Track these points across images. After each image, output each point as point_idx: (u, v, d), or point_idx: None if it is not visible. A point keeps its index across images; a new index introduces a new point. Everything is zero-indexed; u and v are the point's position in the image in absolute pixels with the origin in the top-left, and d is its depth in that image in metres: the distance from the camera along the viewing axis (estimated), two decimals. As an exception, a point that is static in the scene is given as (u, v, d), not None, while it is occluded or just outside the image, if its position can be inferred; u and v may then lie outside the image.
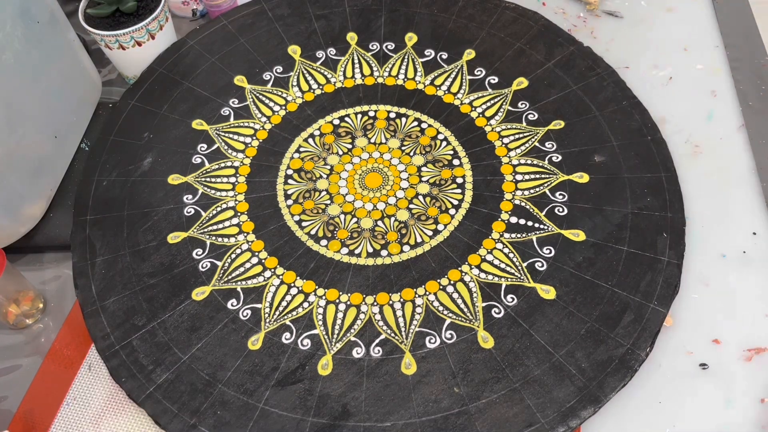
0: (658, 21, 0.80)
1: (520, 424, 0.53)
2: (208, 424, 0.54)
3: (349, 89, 0.75)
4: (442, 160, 0.69)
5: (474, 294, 0.60)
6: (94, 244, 0.65)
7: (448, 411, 0.54)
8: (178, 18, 0.87)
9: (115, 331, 0.60)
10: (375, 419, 0.54)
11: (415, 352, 0.57)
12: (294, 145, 0.71)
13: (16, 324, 0.63)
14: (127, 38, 0.73)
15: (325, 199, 0.67)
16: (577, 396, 0.54)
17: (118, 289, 0.62)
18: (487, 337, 0.58)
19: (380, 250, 0.63)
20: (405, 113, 0.73)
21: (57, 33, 0.69)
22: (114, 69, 0.82)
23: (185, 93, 0.75)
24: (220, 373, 0.57)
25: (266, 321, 0.60)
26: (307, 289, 0.61)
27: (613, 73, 0.73)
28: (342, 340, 0.58)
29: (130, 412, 0.58)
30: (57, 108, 0.69)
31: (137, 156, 0.71)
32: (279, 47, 0.79)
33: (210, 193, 0.68)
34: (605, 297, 0.59)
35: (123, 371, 0.57)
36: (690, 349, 0.58)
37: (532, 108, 0.72)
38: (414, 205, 0.66)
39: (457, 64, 0.76)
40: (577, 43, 0.76)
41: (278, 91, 0.75)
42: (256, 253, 0.64)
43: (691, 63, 0.76)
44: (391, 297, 0.60)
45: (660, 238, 0.62)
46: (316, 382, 0.56)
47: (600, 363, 0.56)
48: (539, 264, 0.61)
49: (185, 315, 0.60)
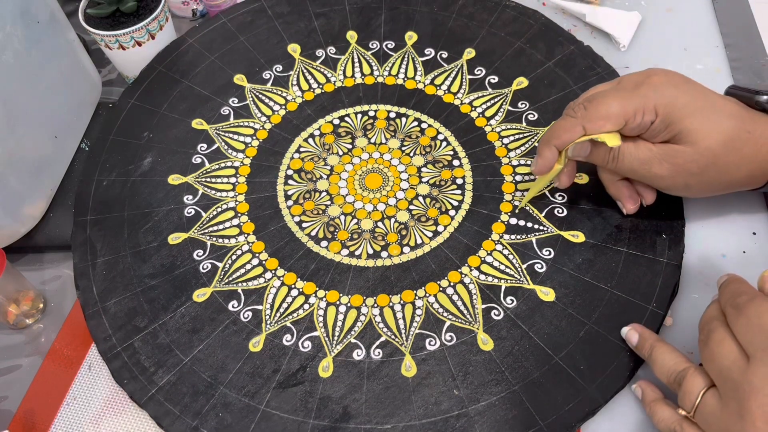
0: (658, 21, 0.80)
1: (520, 427, 0.53)
2: (210, 426, 0.55)
3: (349, 88, 0.75)
4: (442, 161, 0.69)
5: (474, 296, 0.60)
6: (95, 245, 0.65)
7: (448, 413, 0.54)
8: (178, 18, 0.86)
9: (117, 332, 0.60)
10: (375, 421, 0.54)
11: (415, 354, 0.57)
12: (294, 145, 0.71)
13: (16, 324, 0.64)
14: (127, 38, 0.73)
15: (326, 200, 0.67)
16: (577, 398, 0.54)
17: (119, 291, 0.62)
18: (486, 339, 0.58)
19: (380, 251, 0.63)
20: (405, 113, 0.73)
21: (57, 33, 0.69)
22: (114, 69, 0.82)
23: (185, 92, 0.75)
24: (222, 375, 0.57)
25: (267, 323, 0.60)
26: (308, 291, 0.61)
27: (613, 73, 0.73)
28: (342, 342, 0.58)
29: (131, 412, 0.58)
30: (57, 108, 0.69)
31: (137, 156, 0.71)
32: (278, 46, 0.79)
33: (210, 193, 0.68)
34: (604, 299, 0.59)
35: (125, 373, 0.58)
36: (690, 349, 0.58)
37: (532, 108, 0.72)
38: (414, 206, 0.66)
39: (457, 64, 0.76)
40: (577, 42, 0.76)
41: (278, 90, 0.75)
42: (257, 254, 0.64)
43: (691, 63, 0.76)
44: (392, 299, 0.61)
45: (659, 239, 0.62)
46: (317, 384, 0.56)
47: (599, 365, 0.56)
48: (539, 266, 0.62)
49: (186, 317, 0.60)
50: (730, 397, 0.44)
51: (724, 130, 0.54)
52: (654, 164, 0.56)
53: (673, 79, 0.56)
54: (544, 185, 0.63)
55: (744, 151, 0.54)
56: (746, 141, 0.54)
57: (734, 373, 0.44)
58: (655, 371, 0.52)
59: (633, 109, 0.55)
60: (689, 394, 0.48)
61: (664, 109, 0.54)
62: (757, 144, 0.54)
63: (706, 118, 0.54)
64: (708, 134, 0.54)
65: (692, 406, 0.47)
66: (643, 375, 0.57)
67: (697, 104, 0.54)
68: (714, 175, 0.56)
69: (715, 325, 0.48)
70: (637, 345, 0.55)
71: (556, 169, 0.59)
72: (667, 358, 0.51)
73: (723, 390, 0.46)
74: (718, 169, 0.55)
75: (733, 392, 0.44)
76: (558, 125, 0.58)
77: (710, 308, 0.50)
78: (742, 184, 0.58)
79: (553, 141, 0.58)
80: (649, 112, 0.55)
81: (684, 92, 0.55)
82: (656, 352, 0.52)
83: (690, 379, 0.48)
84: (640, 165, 0.57)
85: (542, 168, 0.59)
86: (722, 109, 0.55)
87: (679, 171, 0.56)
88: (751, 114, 0.55)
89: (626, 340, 0.56)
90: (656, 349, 0.53)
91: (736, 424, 0.43)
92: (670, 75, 0.56)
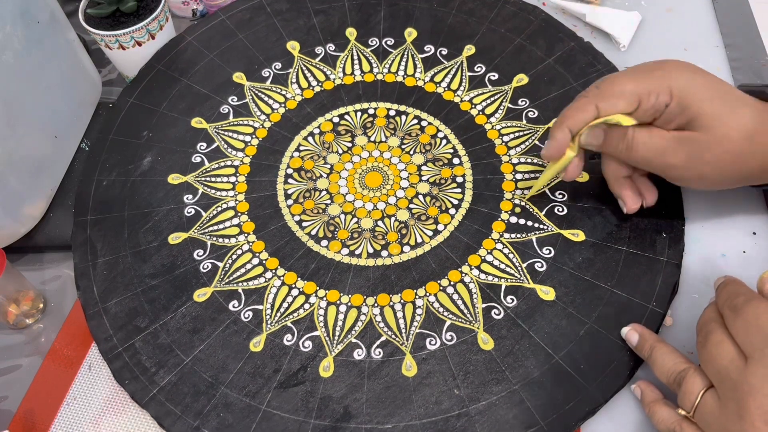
0: (658, 21, 0.80)
1: (520, 426, 0.54)
2: (211, 426, 0.55)
3: (348, 86, 0.75)
4: (442, 159, 0.69)
5: (474, 295, 0.60)
6: (95, 245, 0.65)
7: (449, 413, 0.55)
8: (178, 18, 0.86)
9: (118, 333, 0.60)
10: (376, 421, 0.55)
11: (415, 353, 0.58)
12: (294, 143, 0.71)
13: (16, 324, 0.64)
14: (127, 38, 0.72)
15: (326, 199, 0.67)
16: (577, 397, 0.55)
17: (119, 291, 0.62)
18: (487, 338, 0.58)
19: (380, 250, 0.63)
20: (405, 111, 0.73)
21: (57, 33, 0.69)
22: (114, 69, 0.82)
23: (184, 90, 0.75)
24: (223, 375, 0.57)
25: (268, 323, 0.60)
26: (308, 291, 0.61)
27: (614, 70, 0.73)
28: (343, 341, 0.59)
29: (131, 412, 0.58)
30: (57, 108, 0.69)
31: (137, 155, 0.71)
32: (277, 43, 0.78)
33: (210, 192, 0.68)
34: (604, 298, 0.59)
35: (126, 373, 0.58)
36: (690, 349, 0.58)
37: (532, 105, 0.72)
38: (414, 204, 0.66)
39: (457, 60, 0.76)
40: (577, 39, 0.76)
41: (277, 89, 0.75)
42: (257, 254, 0.64)
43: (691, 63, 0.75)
44: (392, 298, 0.61)
45: (659, 238, 0.62)
46: (318, 383, 0.57)
47: (599, 364, 0.56)
48: (539, 264, 0.62)
49: (187, 317, 0.60)
50: (729, 397, 0.45)
51: (742, 116, 0.53)
52: (668, 153, 0.55)
53: (689, 66, 0.55)
54: (553, 174, 0.61)
55: (761, 139, 0.53)
56: (763, 132, 0.53)
57: (732, 374, 0.45)
58: (654, 371, 0.52)
59: (647, 89, 0.53)
60: (689, 394, 0.48)
61: (680, 92, 0.53)
62: None
63: (724, 103, 0.53)
64: (725, 120, 0.52)
65: (692, 407, 0.47)
66: (643, 375, 0.57)
67: (715, 90, 0.53)
68: (728, 165, 0.54)
69: (713, 327, 0.48)
70: (637, 345, 0.55)
71: (568, 156, 0.58)
72: (667, 358, 0.52)
73: (722, 391, 0.46)
74: (733, 158, 0.53)
75: (732, 393, 0.44)
76: (571, 106, 0.57)
77: (708, 310, 0.50)
78: (756, 176, 0.56)
79: (566, 122, 0.56)
80: (664, 93, 0.53)
81: (701, 76, 0.54)
82: (656, 352, 0.53)
83: (690, 380, 0.48)
84: (654, 154, 0.55)
85: (554, 152, 0.58)
86: (739, 97, 0.54)
87: (693, 160, 0.54)
88: (765, 105, 0.54)
89: (626, 341, 0.56)
90: (656, 349, 0.53)
91: (735, 425, 0.43)
92: (685, 63, 0.55)
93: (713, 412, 0.46)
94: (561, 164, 0.59)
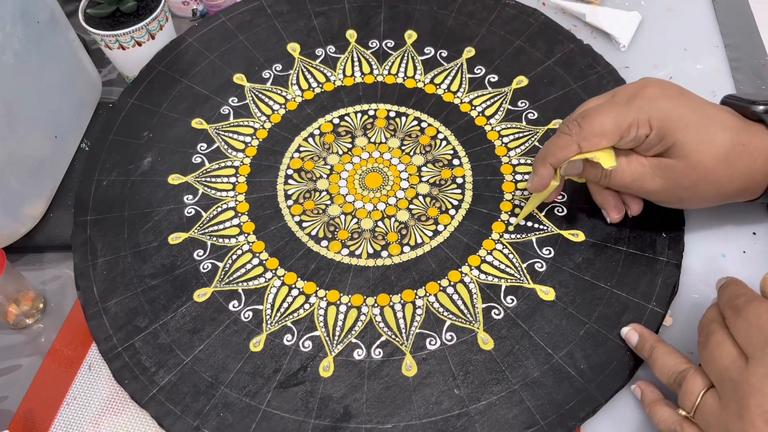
0: (658, 21, 0.80)
1: (520, 426, 0.54)
2: (211, 426, 0.55)
3: (348, 87, 0.75)
4: (442, 160, 0.69)
5: (474, 295, 0.60)
6: (95, 245, 0.65)
7: (449, 413, 0.55)
8: (178, 18, 0.86)
9: (118, 333, 0.60)
10: (376, 421, 0.55)
11: (415, 353, 0.58)
12: (294, 144, 0.71)
13: (16, 324, 0.64)
14: (127, 38, 0.73)
15: (326, 200, 0.67)
16: (577, 397, 0.55)
17: (119, 291, 0.62)
18: (487, 338, 0.58)
19: (380, 251, 0.64)
20: (405, 112, 0.73)
21: (57, 33, 0.69)
22: (114, 69, 0.82)
23: (184, 91, 0.75)
24: (223, 375, 0.57)
25: (267, 323, 0.60)
26: (308, 291, 0.61)
27: (613, 71, 0.73)
28: (343, 341, 0.59)
29: (130, 412, 0.58)
30: (57, 108, 0.69)
31: (137, 155, 0.71)
32: (278, 45, 0.79)
33: (210, 193, 0.68)
34: (604, 298, 0.59)
35: (126, 373, 0.58)
36: (690, 349, 0.58)
37: (532, 107, 0.72)
38: (414, 205, 0.66)
39: (456, 62, 0.76)
40: (577, 41, 0.76)
41: (278, 90, 0.75)
42: (257, 254, 0.64)
43: (691, 63, 0.76)
44: (392, 298, 0.61)
45: (659, 238, 0.62)
46: (318, 383, 0.57)
47: (599, 364, 0.56)
48: (539, 265, 0.62)
49: (187, 317, 0.60)
50: (730, 397, 0.45)
51: (718, 144, 0.54)
52: (646, 179, 0.56)
53: (668, 91, 0.56)
54: (539, 202, 0.63)
55: (737, 164, 0.54)
56: (740, 154, 0.54)
57: (733, 374, 0.45)
58: (655, 372, 0.52)
59: (627, 124, 0.54)
60: (689, 394, 0.48)
61: (659, 122, 0.54)
62: (752, 156, 0.54)
63: (701, 131, 0.54)
64: (700, 148, 0.54)
65: (692, 407, 0.47)
66: (643, 375, 0.57)
67: (692, 117, 0.54)
68: (706, 189, 0.56)
69: (715, 327, 0.48)
70: (637, 345, 0.55)
71: (552, 186, 0.60)
72: (667, 358, 0.52)
73: (722, 390, 0.46)
74: (709, 183, 0.55)
75: (733, 393, 0.44)
76: (553, 143, 0.58)
77: (709, 311, 0.50)
78: (736, 196, 0.57)
79: (548, 159, 0.58)
80: (644, 126, 0.54)
81: (679, 105, 0.55)
82: (656, 352, 0.53)
83: (690, 380, 0.48)
84: (633, 181, 0.57)
85: (538, 186, 0.59)
86: (717, 122, 0.55)
87: (671, 185, 0.56)
88: (747, 125, 0.55)
89: (626, 341, 0.56)
90: (656, 349, 0.53)
91: (736, 425, 0.43)
92: (665, 87, 0.56)
93: (714, 412, 0.46)
94: (545, 194, 0.61)
